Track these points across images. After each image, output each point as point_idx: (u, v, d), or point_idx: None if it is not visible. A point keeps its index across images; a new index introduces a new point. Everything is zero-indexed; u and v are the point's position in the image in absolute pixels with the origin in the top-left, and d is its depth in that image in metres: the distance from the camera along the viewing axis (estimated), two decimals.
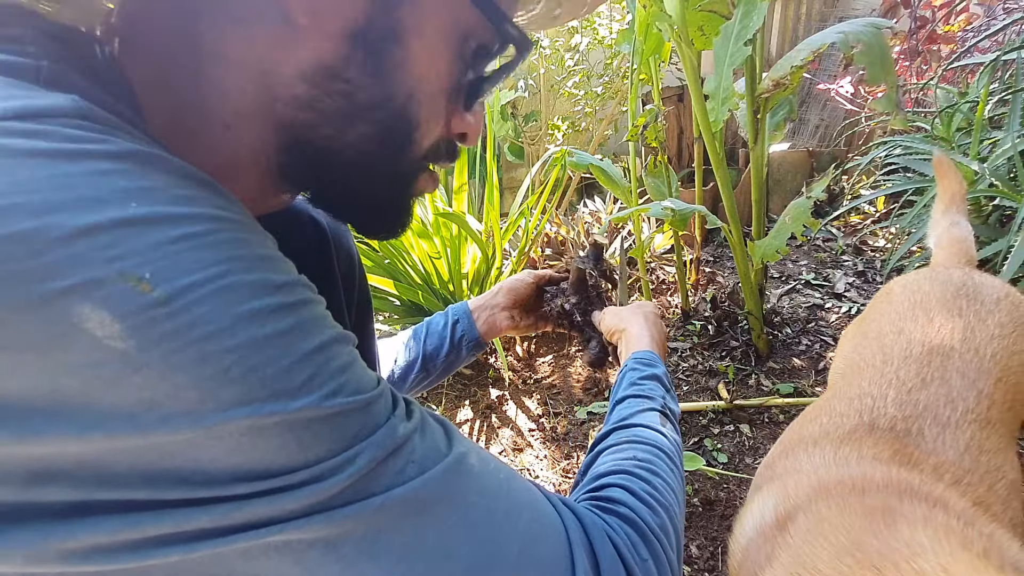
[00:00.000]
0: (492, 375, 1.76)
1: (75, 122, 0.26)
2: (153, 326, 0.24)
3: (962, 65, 2.06)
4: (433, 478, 0.33)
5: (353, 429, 0.30)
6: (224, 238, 0.27)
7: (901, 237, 2.09)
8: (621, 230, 2.30)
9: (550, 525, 0.38)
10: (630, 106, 1.68)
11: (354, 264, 0.62)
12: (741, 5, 1.17)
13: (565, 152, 1.60)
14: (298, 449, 0.28)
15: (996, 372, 0.65)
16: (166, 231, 0.25)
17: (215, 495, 0.27)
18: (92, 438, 0.24)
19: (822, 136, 3.13)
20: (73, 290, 0.23)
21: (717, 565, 1.13)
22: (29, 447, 0.23)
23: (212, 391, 0.25)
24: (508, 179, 3.23)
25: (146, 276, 0.24)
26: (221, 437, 0.26)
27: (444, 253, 1.69)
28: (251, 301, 0.27)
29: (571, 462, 1.43)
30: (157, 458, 0.25)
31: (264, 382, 0.26)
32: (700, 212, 1.33)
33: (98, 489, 0.25)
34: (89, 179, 0.25)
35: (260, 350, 0.27)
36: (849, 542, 0.45)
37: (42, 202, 0.23)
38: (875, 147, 2.23)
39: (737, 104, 1.32)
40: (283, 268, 0.31)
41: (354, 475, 0.29)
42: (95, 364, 0.23)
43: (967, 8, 2.33)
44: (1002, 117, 1.78)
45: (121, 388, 0.24)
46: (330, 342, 0.30)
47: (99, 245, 0.24)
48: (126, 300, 0.24)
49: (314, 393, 0.28)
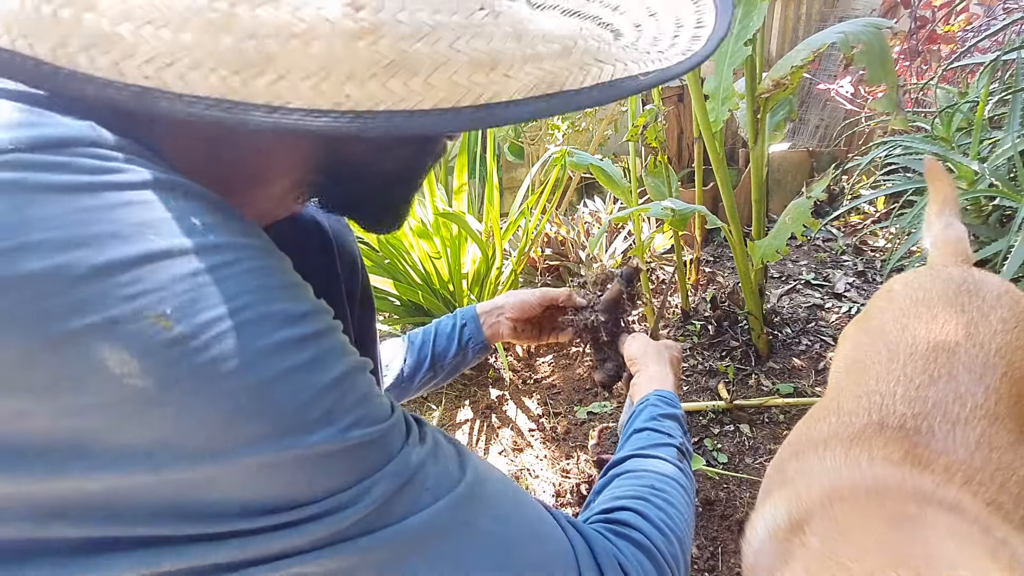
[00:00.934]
0: (492, 375, 1.76)
1: (92, 151, 0.26)
2: (173, 364, 0.24)
3: (962, 65, 2.06)
4: (447, 506, 0.33)
5: (369, 461, 0.30)
6: (246, 268, 0.27)
7: (901, 237, 2.08)
8: (621, 230, 2.31)
9: (561, 550, 0.38)
10: (630, 106, 1.68)
11: (356, 264, 0.62)
12: (741, 5, 1.17)
13: (565, 152, 1.60)
14: (314, 482, 0.28)
15: (1001, 367, 0.65)
16: (186, 264, 0.25)
17: (230, 530, 0.27)
18: (109, 476, 0.24)
19: (822, 136, 3.13)
20: (93, 329, 0.23)
21: (717, 565, 1.13)
22: (47, 485, 0.24)
23: (230, 428, 0.25)
24: (508, 179, 3.23)
25: (167, 312, 0.24)
26: (238, 473, 0.26)
27: (444, 253, 1.69)
28: (272, 334, 0.27)
29: (571, 462, 1.43)
30: (173, 494, 0.25)
31: (282, 417, 0.26)
32: (700, 212, 1.33)
33: (110, 526, 0.25)
34: (109, 213, 0.25)
35: (279, 385, 0.26)
36: (875, 543, 0.45)
37: (62, 239, 0.23)
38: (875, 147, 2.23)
39: (737, 104, 1.32)
40: (303, 296, 0.31)
41: (370, 506, 0.29)
42: (114, 404, 0.23)
43: (967, 8, 2.33)
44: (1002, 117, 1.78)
45: (139, 426, 0.24)
46: (348, 373, 0.30)
47: (119, 283, 0.24)
48: (145, 338, 0.24)
49: (332, 427, 0.28)
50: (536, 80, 0.30)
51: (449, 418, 1.66)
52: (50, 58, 0.27)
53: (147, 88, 0.27)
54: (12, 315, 0.22)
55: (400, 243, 1.71)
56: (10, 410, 0.23)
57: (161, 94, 0.26)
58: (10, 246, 0.22)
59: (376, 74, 0.27)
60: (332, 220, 0.60)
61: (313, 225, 0.57)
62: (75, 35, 0.26)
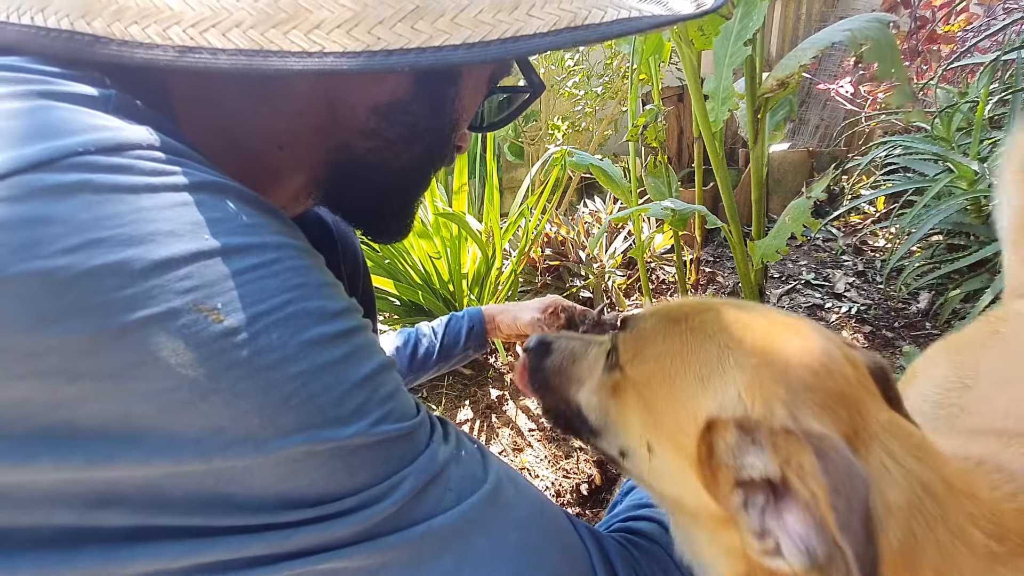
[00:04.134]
0: (492, 375, 1.76)
1: (151, 154, 0.27)
2: (223, 355, 0.25)
3: (962, 65, 2.06)
4: (471, 507, 0.33)
5: (397, 456, 0.31)
6: (288, 266, 0.29)
7: (901, 237, 2.08)
8: (621, 230, 2.30)
9: (579, 559, 0.39)
10: (630, 106, 1.68)
11: (359, 264, 0.63)
12: (741, 5, 1.17)
13: (565, 152, 1.60)
14: (347, 476, 0.29)
15: None
16: (235, 262, 0.27)
17: (268, 522, 0.27)
18: (158, 463, 0.25)
19: (822, 136, 3.13)
20: (151, 320, 0.24)
21: None
22: (97, 472, 0.24)
23: (273, 418, 0.26)
24: (508, 179, 3.23)
25: (218, 306, 0.25)
26: (278, 463, 0.27)
27: (444, 253, 1.69)
28: (312, 329, 0.28)
29: (571, 462, 1.43)
30: (219, 483, 0.26)
31: (321, 409, 0.27)
32: (700, 212, 1.33)
33: (157, 515, 0.26)
34: (167, 212, 0.26)
35: (319, 378, 0.27)
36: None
37: (125, 236, 0.25)
38: (875, 147, 2.23)
39: (737, 104, 1.32)
40: (338, 294, 0.32)
41: (398, 502, 0.30)
42: (167, 391, 0.24)
43: (967, 8, 2.33)
44: (1002, 117, 1.78)
45: (189, 414, 0.25)
46: (380, 369, 0.31)
47: (175, 278, 0.25)
48: (199, 330, 0.25)
49: (365, 420, 0.29)
50: (557, 18, 0.32)
51: (449, 418, 1.65)
52: (104, 33, 0.30)
53: (190, 47, 0.30)
54: (80, 306, 0.23)
55: (400, 243, 1.71)
56: (70, 396, 0.24)
57: (203, 51, 0.29)
58: (81, 242, 0.24)
59: (405, 17, 0.30)
60: (336, 218, 0.61)
61: (317, 224, 0.58)
62: (127, 9, 0.30)
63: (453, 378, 1.75)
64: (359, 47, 0.30)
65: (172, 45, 0.30)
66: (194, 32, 0.30)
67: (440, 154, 0.46)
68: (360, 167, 0.43)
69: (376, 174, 0.44)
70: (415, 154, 0.44)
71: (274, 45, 0.29)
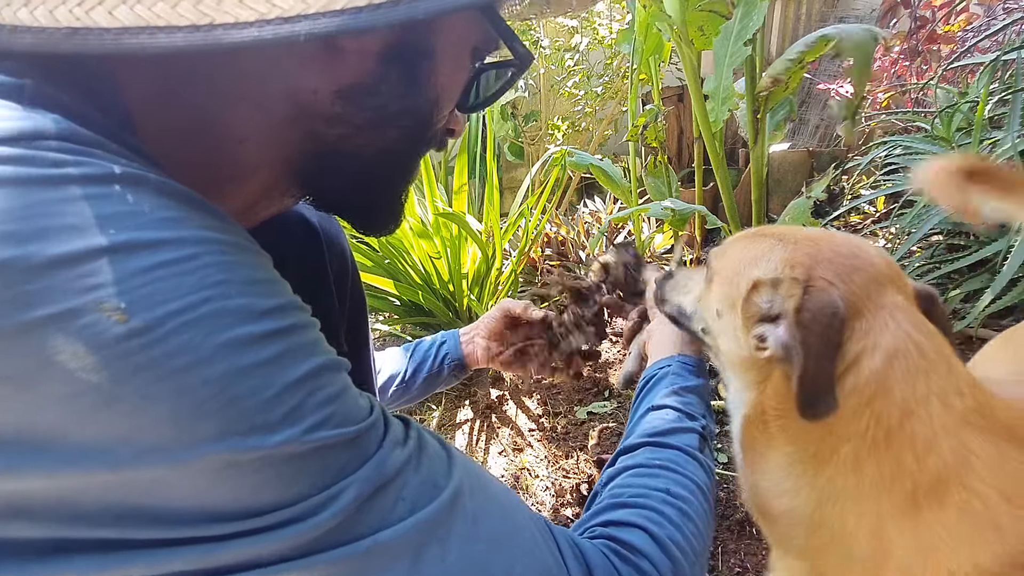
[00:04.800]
0: (492, 375, 1.76)
1: (58, 144, 0.26)
2: (128, 357, 0.23)
3: (962, 65, 2.06)
4: (425, 519, 0.31)
5: (338, 464, 0.29)
6: (208, 262, 0.27)
7: (901, 237, 2.08)
8: (621, 230, 2.31)
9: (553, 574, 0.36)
10: (630, 106, 1.68)
11: (347, 264, 0.61)
12: (741, 5, 1.17)
13: (565, 152, 1.60)
14: (278, 486, 0.27)
15: None
16: (146, 258, 0.25)
17: (190, 536, 0.25)
18: (64, 474, 0.23)
19: (822, 136, 3.13)
20: (48, 321, 0.22)
21: (717, 565, 1.13)
22: (9, 482, 0.23)
23: (189, 425, 0.24)
24: (508, 179, 3.23)
25: (121, 306, 0.23)
26: (198, 473, 0.25)
27: (444, 253, 1.69)
28: (233, 329, 0.26)
29: (571, 462, 1.43)
30: (131, 495, 0.24)
31: (243, 415, 0.25)
32: (700, 212, 1.33)
33: (72, 527, 0.24)
34: (70, 206, 0.24)
35: (240, 381, 0.26)
36: None
37: (22, 231, 0.23)
38: (875, 147, 2.23)
39: (737, 104, 1.32)
40: (274, 291, 0.30)
41: (338, 514, 0.28)
42: (70, 397, 0.23)
43: (967, 8, 2.33)
44: (1002, 117, 1.78)
45: (95, 422, 0.23)
46: (317, 371, 0.29)
47: (75, 275, 0.23)
48: (100, 331, 0.23)
49: (296, 426, 0.27)
50: None
51: (449, 418, 1.66)
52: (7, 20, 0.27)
53: (76, 28, 0.27)
54: None
55: (400, 243, 1.71)
56: None
57: (88, 31, 0.27)
58: None
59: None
60: (323, 219, 0.60)
61: (302, 225, 0.57)
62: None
63: None
64: (309, 10, 0.26)
65: (58, 28, 0.27)
66: (80, 12, 0.27)
67: (421, 138, 0.43)
68: (332, 156, 0.40)
69: (350, 163, 0.41)
70: (391, 139, 0.41)
71: (207, 20, 0.27)
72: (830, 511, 0.45)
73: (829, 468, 0.45)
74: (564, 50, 2.84)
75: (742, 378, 0.53)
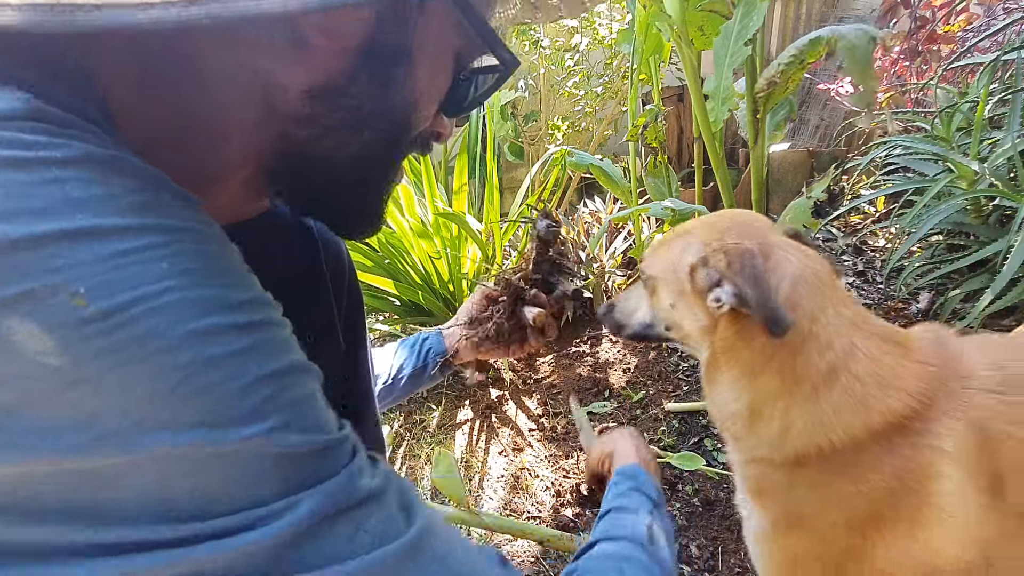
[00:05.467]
0: (492, 375, 1.76)
1: (29, 125, 0.25)
2: (89, 341, 0.23)
3: (962, 65, 2.06)
4: (390, 556, 0.29)
5: (299, 473, 0.27)
6: (177, 250, 0.26)
7: (901, 237, 2.08)
8: (621, 230, 2.31)
9: None
10: (630, 106, 1.68)
11: (343, 265, 0.61)
12: (741, 5, 1.17)
13: (565, 152, 1.60)
14: (233, 487, 0.25)
15: None
16: (112, 244, 0.24)
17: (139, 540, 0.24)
18: (16, 460, 0.23)
19: (822, 136, 3.13)
20: (7, 302, 0.22)
21: (717, 565, 1.13)
22: None
23: (150, 412, 0.24)
24: (508, 179, 3.23)
25: (81, 291, 0.23)
26: (151, 464, 0.24)
27: (444, 253, 1.69)
28: (201, 318, 0.25)
29: (571, 462, 1.43)
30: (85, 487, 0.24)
31: (201, 407, 0.24)
32: (700, 212, 1.33)
33: (6, 525, 0.23)
34: (38, 188, 0.24)
35: (206, 371, 0.25)
36: None
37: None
38: (875, 147, 2.23)
39: (737, 104, 1.32)
40: (244, 284, 0.29)
41: (294, 525, 0.26)
42: (28, 379, 0.22)
43: (967, 8, 2.33)
44: (1002, 117, 1.78)
45: (53, 405, 0.23)
46: (288, 370, 0.28)
47: (38, 257, 0.23)
48: (60, 314, 0.22)
49: (258, 424, 0.26)
50: None
51: (449, 418, 1.66)
52: None
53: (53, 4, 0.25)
54: None
55: (400, 243, 1.71)
56: None
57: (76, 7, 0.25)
58: None
59: None
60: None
61: (296, 227, 0.56)
62: None
63: (453, 378, 1.75)
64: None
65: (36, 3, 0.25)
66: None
67: (399, 141, 0.42)
68: (302, 158, 0.39)
69: (323, 165, 0.40)
70: (366, 142, 0.40)
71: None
72: (760, 405, 0.61)
73: (763, 376, 0.60)
74: (564, 50, 2.83)
75: (702, 341, 0.67)
